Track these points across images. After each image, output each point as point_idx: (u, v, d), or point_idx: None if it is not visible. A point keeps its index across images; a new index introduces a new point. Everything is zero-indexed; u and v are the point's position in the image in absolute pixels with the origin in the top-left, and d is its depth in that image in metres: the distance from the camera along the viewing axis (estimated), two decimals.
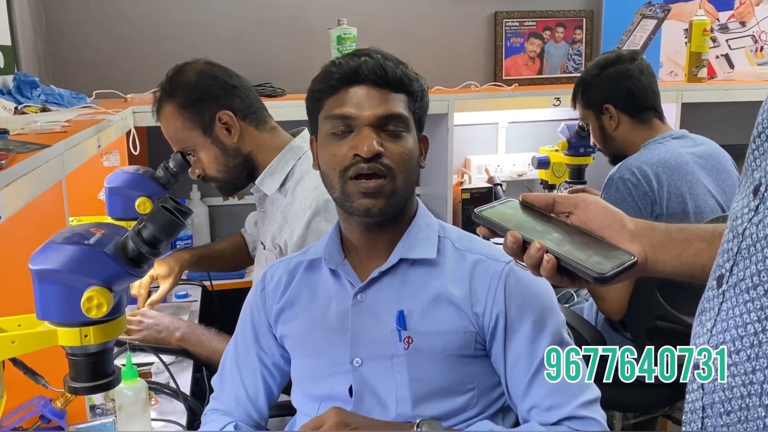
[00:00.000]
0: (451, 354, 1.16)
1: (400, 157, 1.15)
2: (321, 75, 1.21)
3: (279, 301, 1.30)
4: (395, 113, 1.16)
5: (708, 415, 0.70)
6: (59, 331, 0.92)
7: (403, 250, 1.20)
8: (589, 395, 1.15)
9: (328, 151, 1.17)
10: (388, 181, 1.14)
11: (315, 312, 1.25)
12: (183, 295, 2.12)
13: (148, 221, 0.94)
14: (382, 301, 1.19)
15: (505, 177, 2.97)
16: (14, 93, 1.84)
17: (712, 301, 0.71)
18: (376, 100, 1.15)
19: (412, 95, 1.19)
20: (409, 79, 1.18)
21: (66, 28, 2.55)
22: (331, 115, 1.17)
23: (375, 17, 2.75)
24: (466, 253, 1.20)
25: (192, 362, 1.71)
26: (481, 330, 1.17)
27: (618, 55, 2.07)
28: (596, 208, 0.90)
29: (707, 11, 2.94)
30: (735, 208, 0.71)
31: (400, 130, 1.16)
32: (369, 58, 1.17)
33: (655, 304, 1.82)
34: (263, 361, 1.33)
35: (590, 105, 2.09)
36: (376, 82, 1.16)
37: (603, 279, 0.82)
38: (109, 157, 2.15)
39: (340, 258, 1.24)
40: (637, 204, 1.87)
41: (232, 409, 1.33)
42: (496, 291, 1.16)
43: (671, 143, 1.99)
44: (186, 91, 1.64)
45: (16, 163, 0.98)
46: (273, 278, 1.32)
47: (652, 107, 2.04)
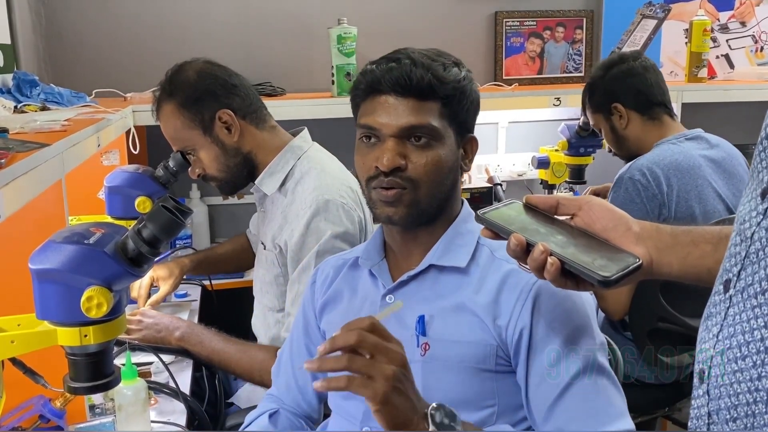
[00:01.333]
0: (468, 366, 1.10)
1: (424, 168, 1.12)
2: (356, 78, 1.19)
3: (324, 295, 1.30)
4: (419, 124, 1.11)
5: (714, 422, 0.69)
6: (59, 330, 0.92)
7: (434, 256, 1.16)
8: (620, 427, 1.03)
9: (358, 159, 1.17)
10: (408, 192, 1.12)
11: (352, 309, 1.24)
12: (182, 295, 2.11)
13: (148, 221, 0.94)
14: (409, 305, 1.15)
15: (505, 177, 2.97)
16: (14, 92, 1.84)
17: (718, 306, 0.70)
18: (400, 111, 1.11)
19: (445, 100, 1.13)
20: (440, 84, 1.12)
21: (66, 27, 2.54)
22: (359, 123, 1.16)
23: (375, 16, 2.75)
24: (503, 263, 1.12)
25: (192, 362, 1.70)
26: (503, 344, 1.09)
27: (621, 56, 2.08)
28: (600, 210, 0.89)
29: (707, 11, 2.94)
30: (742, 211, 0.70)
31: (427, 140, 1.12)
32: (396, 65, 1.12)
33: (658, 306, 1.81)
34: (311, 352, 1.34)
35: (599, 107, 2.08)
36: (399, 92, 1.11)
37: (608, 282, 0.81)
38: (108, 156, 2.15)
39: (378, 258, 1.23)
40: (644, 206, 1.86)
41: (284, 395, 1.35)
42: (524, 305, 1.07)
43: (684, 144, 1.97)
44: (186, 91, 1.64)
45: (15, 162, 0.98)
46: (323, 273, 1.33)
47: (661, 103, 2.03)
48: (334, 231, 1.56)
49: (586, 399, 1.04)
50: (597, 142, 2.67)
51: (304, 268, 1.57)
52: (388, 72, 1.12)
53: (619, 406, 1.06)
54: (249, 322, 1.84)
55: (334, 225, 1.56)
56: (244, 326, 1.83)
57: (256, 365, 1.63)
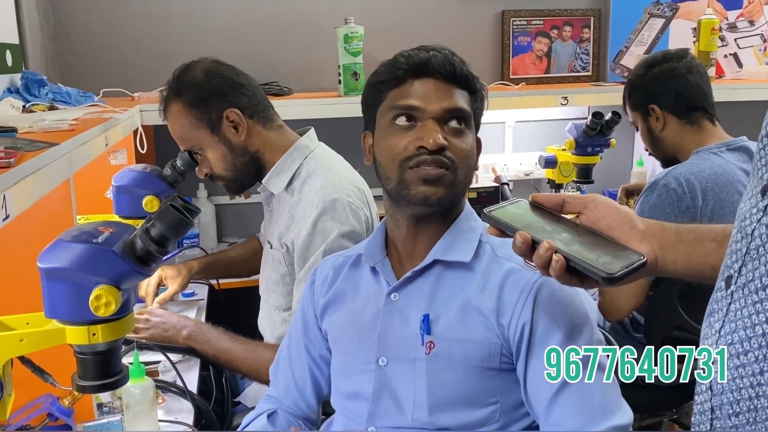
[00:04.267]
0: (473, 364, 1.11)
1: (462, 152, 1.14)
2: (386, 66, 1.20)
3: (325, 295, 1.30)
4: (460, 108, 1.15)
5: (717, 417, 0.70)
6: (67, 329, 0.92)
7: (439, 251, 1.17)
8: (617, 420, 1.05)
9: (389, 142, 1.16)
10: (450, 172, 1.13)
11: (354, 309, 1.25)
12: (190, 294, 2.12)
13: (157, 220, 0.94)
14: (413, 303, 1.17)
15: (512, 176, 2.97)
16: (22, 91, 1.85)
17: (720, 302, 0.71)
18: (442, 94, 1.15)
19: (474, 94, 1.19)
20: (473, 78, 1.19)
21: (73, 27, 2.55)
22: (395, 105, 1.16)
23: (382, 16, 2.75)
24: (504, 261, 1.15)
25: (199, 361, 1.71)
26: (506, 342, 1.11)
27: (665, 55, 2.00)
28: (606, 208, 0.89)
29: (716, 10, 2.93)
30: (743, 208, 0.71)
31: (463, 127, 1.16)
32: (438, 53, 1.16)
33: (675, 314, 1.79)
34: (311, 353, 1.34)
35: (637, 106, 2.03)
36: (444, 75, 1.15)
37: (612, 279, 0.82)
38: (116, 156, 2.15)
39: (381, 256, 1.23)
40: (675, 217, 1.79)
41: (282, 396, 1.35)
42: (525, 302, 1.10)
43: (726, 156, 1.89)
44: (193, 90, 1.64)
45: (24, 161, 0.98)
46: (322, 273, 1.33)
47: (702, 107, 1.95)
48: (340, 230, 1.56)
49: (585, 395, 1.06)
50: (604, 142, 2.66)
51: (310, 267, 1.57)
52: (434, 57, 1.16)
53: (617, 401, 1.08)
54: (256, 321, 1.84)
55: (340, 224, 1.56)
56: (251, 325, 1.83)
57: (263, 364, 1.63)
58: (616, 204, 0.91)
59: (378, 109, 1.19)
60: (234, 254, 2.15)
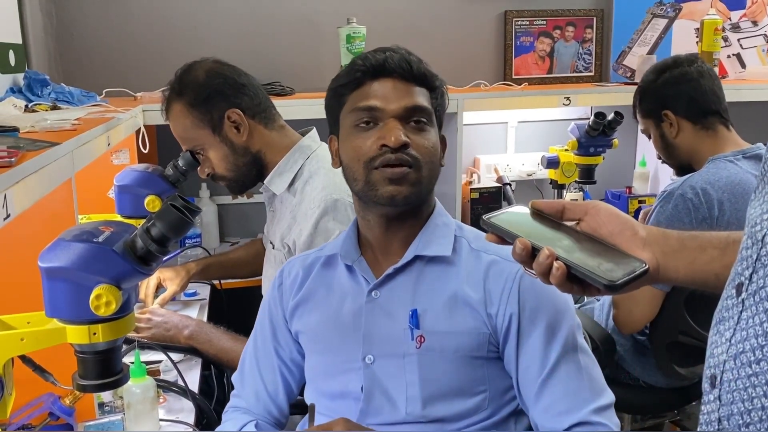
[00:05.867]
0: (463, 355, 1.15)
1: (425, 149, 1.16)
2: (345, 70, 1.21)
3: (295, 296, 1.30)
4: (420, 105, 1.17)
5: (724, 428, 0.68)
6: (68, 328, 0.92)
7: (418, 247, 1.19)
8: (603, 400, 1.12)
9: (352, 144, 1.17)
10: (414, 170, 1.14)
11: (330, 308, 1.25)
12: (192, 294, 2.12)
13: (157, 219, 0.94)
14: (396, 299, 1.18)
15: (514, 176, 2.96)
16: (25, 91, 1.85)
17: (731, 310, 0.69)
18: (401, 93, 1.16)
19: (434, 91, 1.20)
20: (432, 75, 1.20)
21: (76, 27, 2.56)
22: (356, 107, 1.17)
23: (384, 16, 2.75)
24: (482, 254, 1.19)
25: (200, 360, 1.71)
26: (494, 332, 1.15)
27: (675, 59, 1.97)
28: (607, 214, 0.88)
29: (719, 10, 2.92)
30: (753, 214, 0.69)
31: (424, 124, 1.17)
32: (394, 53, 1.18)
33: (681, 320, 1.78)
34: (281, 357, 1.33)
35: (649, 113, 1.98)
36: (401, 75, 1.17)
37: (614, 287, 0.81)
38: (118, 156, 2.16)
39: (357, 254, 1.24)
40: (693, 228, 1.73)
41: (252, 405, 1.33)
42: (510, 292, 1.14)
43: (742, 164, 1.83)
44: (195, 90, 1.64)
45: (26, 160, 0.99)
46: (290, 274, 1.32)
47: (716, 111, 1.91)
48: (342, 230, 1.56)
49: (572, 377, 1.12)
50: (607, 142, 2.66)
51: None
52: (390, 57, 1.17)
53: (600, 380, 1.14)
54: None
55: (342, 224, 1.56)
56: (253, 325, 1.83)
57: None
58: (618, 211, 0.90)
59: (340, 112, 1.20)
60: (234, 256, 2.15)
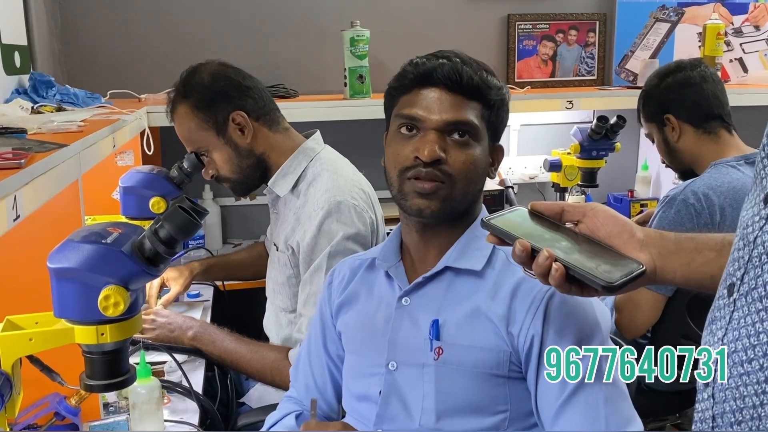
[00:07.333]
0: (481, 371, 1.11)
1: (462, 165, 1.13)
2: (399, 73, 1.20)
3: (339, 296, 1.31)
4: (463, 120, 1.13)
5: (718, 425, 0.69)
6: (76, 329, 0.93)
7: (451, 258, 1.17)
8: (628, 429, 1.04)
9: (393, 149, 1.16)
10: (446, 186, 1.12)
11: (367, 311, 1.25)
12: (195, 295, 2.12)
13: (165, 221, 0.94)
14: (424, 308, 1.17)
15: (516, 180, 2.97)
16: (30, 92, 1.86)
17: (723, 310, 0.71)
18: (446, 105, 1.13)
19: (487, 104, 1.16)
20: (487, 87, 1.15)
21: (81, 29, 2.56)
22: (400, 114, 1.16)
23: (388, 19, 2.75)
24: (517, 269, 1.09)
25: (204, 361, 1.71)
26: (515, 351, 1.10)
27: (678, 64, 1.98)
28: (605, 216, 0.90)
29: (721, 15, 2.93)
30: (745, 216, 0.71)
31: (467, 138, 1.14)
32: (447, 61, 1.14)
33: (683, 323, 1.78)
34: (329, 353, 1.34)
35: (652, 117, 1.99)
36: (449, 86, 1.13)
37: (611, 288, 0.82)
38: (123, 157, 2.16)
39: (395, 260, 1.23)
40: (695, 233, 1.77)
41: (303, 396, 1.35)
42: (536, 312, 1.09)
43: (744, 170, 1.83)
44: (200, 92, 1.65)
45: (34, 162, 0.99)
46: (339, 274, 1.33)
47: (718, 116, 1.91)
48: (345, 232, 1.57)
49: (591, 406, 1.04)
50: (609, 146, 2.66)
51: (315, 269, 1.58)
52: (440, 66, 1.13)
53: (627, 413, 1.06)
54: (261, 322, 1.85)
55: (345, 226, 1.57)
56: (256, 326, 1.84)
57: (268, 365, 1.65)
58: (615, 213, 0.91)
59: (392, 112, 1.20)
60: (237, 258, 2.16)
